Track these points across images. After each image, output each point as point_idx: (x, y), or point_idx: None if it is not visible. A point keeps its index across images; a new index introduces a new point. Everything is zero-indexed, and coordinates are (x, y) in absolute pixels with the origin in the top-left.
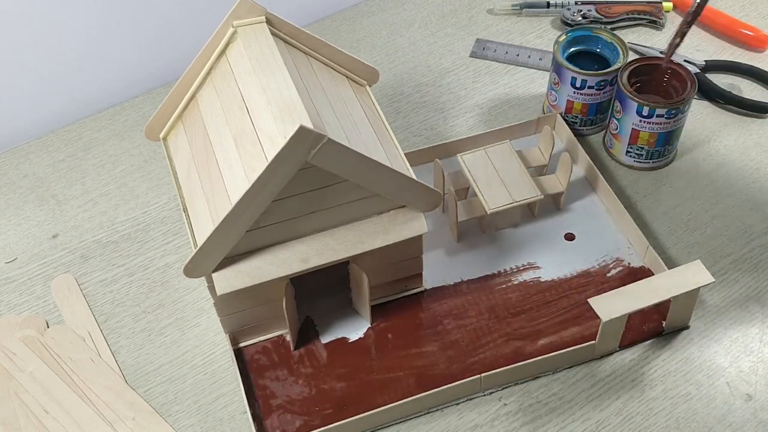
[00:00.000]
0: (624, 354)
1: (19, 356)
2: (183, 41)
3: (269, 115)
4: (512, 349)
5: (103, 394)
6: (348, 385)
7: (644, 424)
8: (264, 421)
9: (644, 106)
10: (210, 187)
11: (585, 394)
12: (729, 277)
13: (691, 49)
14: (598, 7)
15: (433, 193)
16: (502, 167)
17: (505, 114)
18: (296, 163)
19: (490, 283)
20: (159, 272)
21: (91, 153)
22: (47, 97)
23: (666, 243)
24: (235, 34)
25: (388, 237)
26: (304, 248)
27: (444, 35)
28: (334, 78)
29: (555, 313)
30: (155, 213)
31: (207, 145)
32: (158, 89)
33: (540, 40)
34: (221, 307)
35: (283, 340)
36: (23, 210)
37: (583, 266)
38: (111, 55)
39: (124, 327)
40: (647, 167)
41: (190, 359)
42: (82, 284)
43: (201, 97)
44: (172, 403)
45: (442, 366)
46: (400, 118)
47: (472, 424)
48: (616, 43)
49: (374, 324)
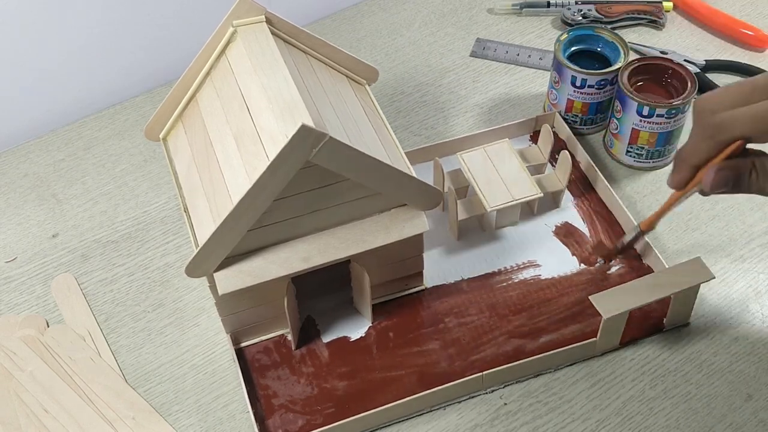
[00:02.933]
0: (624, 353)
1: (19, 356)
2: (183, 41)
3: (270, 114)
4: (513, 346)
5: (103, 393)
6: (350, 384)
7: (644, 424)
8: (266, 420)
9: (644, 106)
10: (211, 186)
11: (585, 393)
12: (729, 276)
13: (691, 49)
14: (599, 7)
15: (433, 191)
16: (501, 166)
17: (505, 113)
18: (298, 161)
19: (491, 281)
20: (159, 272)
21: (91, 153)
22: (47, 97)
23: (666, 242)
24: (235, 33)
25: (389, 235)
26: (306, 247)
27: (444, 35)
28: (333, 77)
29: (556, 311)
30: (155, 213)
31: (207, 144)
32: (158, 89)
33: (540, 39)
34: (222, 307)
35: (285, 340)
36: (23, 209)
37: (583, 264)
38: (111, 55)
39: (124, 326)
40: (647, 167)
41: (190, 359)
42: (82, 284)
43: (201, 97)
44: (172, 403)
45: (444, 364)
46: (400, 117)
47: (473, 423)
48: (617, 43)
49: (375, 323)
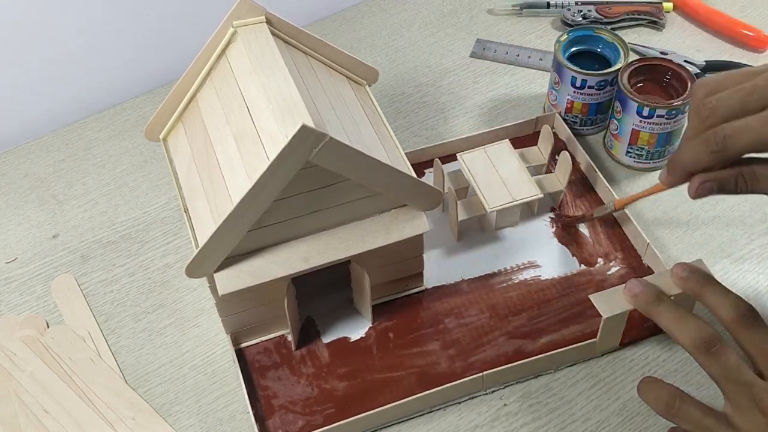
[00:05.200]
0: (624, 354)
1: (19, 356)
2: (183, 41)
3: (270, 115)
4: (513, 347)
5: (103, 394)
6: (350, 385)
7: (644, 425)
8: (266, 421)
9: (644, 107)
10: (211, 187)
11: (585, 394)
12: (729, 277)
13: (691, 50)
14: (599, 8)
15: (433, 191)
16: (501, 166)
17: (505, 114)
18: (298, 162)
19: (491, 281)
20: (159, 272)
21: (92, 153)
22: (47, 97)
23: (666, 243)
24: (235, 34)
25: (389, 236)
26: (306, 248)
27: (444, 35)
28: (333, 78)
29: (556, 312)
30: (155, 213)
31: (207, 145)
32: (158, 89)
33: (540, 40)
34: (223, 308)
35: (285, 340)
36: (23, 210)
37: (583, 265)
38: (111, 55)
39: (125, 327)
40: (647, 167)
41: (191, 359)
42: (82, 284)
43: (201, 98)
44: (173, 403)
45: (444, 365)
46: (400, 118)
47: (473, 424)
48: (617, 44)
49: (375, 323)
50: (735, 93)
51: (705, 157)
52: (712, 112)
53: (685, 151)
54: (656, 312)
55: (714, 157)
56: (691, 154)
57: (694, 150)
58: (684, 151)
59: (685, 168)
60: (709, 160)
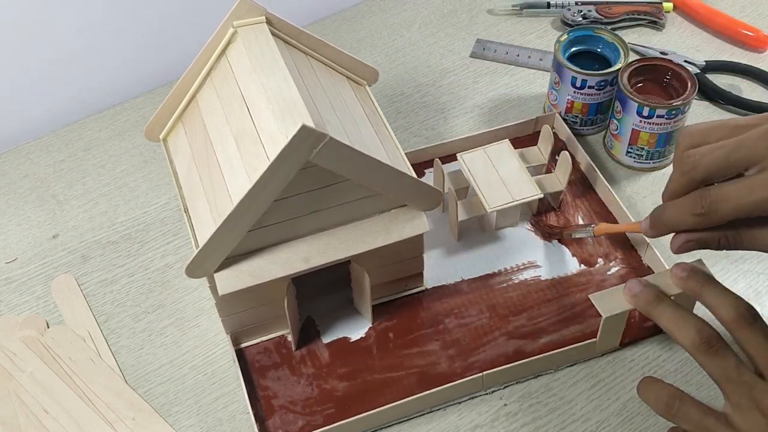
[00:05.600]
0: (624, 354)
1: (19, 356)
2: (183, 41)
3: (270, 115)
4: (513, 347)
5: (103, 394)
6: (350, 385)
7: (644, 425)
8: (266, 421)
9: (644, 107)
10: (211, 187)
11: (585, 394)
12: (729, 277)
13: (691, 50)
14: (599, 8)
15: (433, 191)
16: (501, 166)
17: (505, 114)
18: (298, 162)
19: (491, 281)
20: (159, 272)
21: (92, 153)
22: (47, 97)
23: (667, 243)
24: (235, 34)
25: (389, 236)
26: (306, 248)
27: (444, 35)
28: (333, 78)
29: (556, 312)
30: (155, 213)
31: (207, 145)
32: (158, 89)
33: (540, 40)
34: (223, 308)
35: (285, 340)
36: (23, 210)
37: (583, 265)
38: (111, 55)
39: (125, 327)
40: (647, 168)
41: (191, 359)
42: (82, 284)
43: (201, 98)
44: (172, 404)
45: (444, 365)
46: (400, 118)
47: (473, 424)
48: (617, 44)
49: (375, 323)
50: (718, 149)
51: (689, 219)
52: (694, 167)
53: (669, 212)
54: (656, 312)
55: (698, 221)
56: (674, 215)
57: (678, 211)
58: (667, 212)
59: (667, 228)
60: (693, 223)
